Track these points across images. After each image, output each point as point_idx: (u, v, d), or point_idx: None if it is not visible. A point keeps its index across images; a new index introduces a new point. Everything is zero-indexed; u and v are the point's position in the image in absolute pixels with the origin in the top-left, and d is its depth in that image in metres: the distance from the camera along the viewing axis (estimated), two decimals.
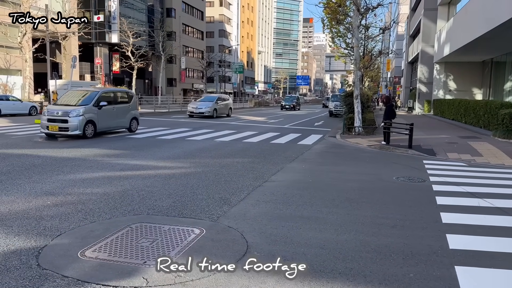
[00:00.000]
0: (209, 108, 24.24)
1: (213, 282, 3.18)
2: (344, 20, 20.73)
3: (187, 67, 57.84)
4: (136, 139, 12.84)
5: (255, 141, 13.12)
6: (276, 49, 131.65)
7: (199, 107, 24.57)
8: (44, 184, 6.26)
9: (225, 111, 26.55)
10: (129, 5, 46.27)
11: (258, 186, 6.57)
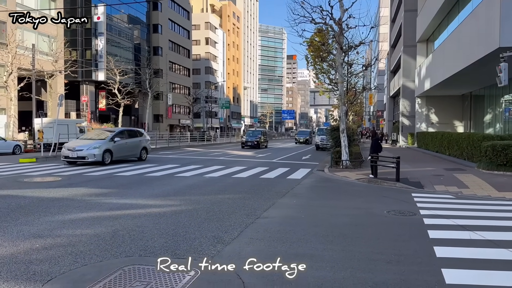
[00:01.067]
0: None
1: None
2: (327, 57, 21.40)
3: (174, 103, 58.27)
4: (124, 176, 12.70)
5: (245, 176, 13.12)
6: (262, 84, 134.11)
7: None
8: (31, 226, 6.11)
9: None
10: (116, 44, 46.98)
11: (250, 223, 6.52)
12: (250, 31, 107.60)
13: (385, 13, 55.33)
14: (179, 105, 61.28)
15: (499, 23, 13.79)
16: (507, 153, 12.78)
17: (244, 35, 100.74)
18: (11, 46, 28.83)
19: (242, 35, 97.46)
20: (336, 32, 16.70)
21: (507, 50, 13.51)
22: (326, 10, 16.63)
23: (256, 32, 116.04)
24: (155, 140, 34.23)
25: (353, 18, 17.62)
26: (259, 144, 32.88)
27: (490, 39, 14.54)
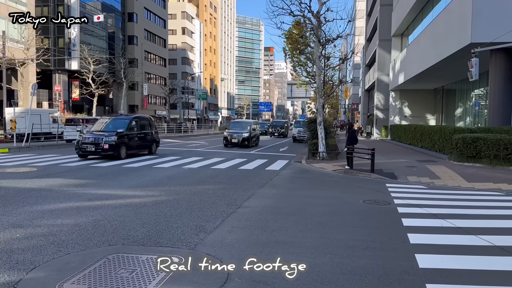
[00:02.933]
0: None
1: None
2: (305, 50, 21.59)
3: (150, 93, 57.39)
4: (101, 167, 12.55)
5: (224, 168, 13.20)
6: (239, 76, 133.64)
7: None
8: (10, 216, 6.02)
9: None
10: (90, 32, 45.77)
11: (232, 213, 6.63)
12: (227, 21, 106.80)
13: (361, 7, 56.02)
14: (155, 95, 60.46)
15: (471, 20, 14.29)
16: (477, 145, 13.33)
17: (222, 25, 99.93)
18: None
19: (219, 26, 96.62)
20: (314, 25, 16.86)
21: (478, 46, 14.04)
22: (304, 3, 16.75)
23: (233, 23, 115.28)
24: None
25: (331, 11, 17.96)
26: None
27: (463, 34, 15.05)
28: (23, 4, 35.05)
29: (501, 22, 14.00)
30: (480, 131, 14.85)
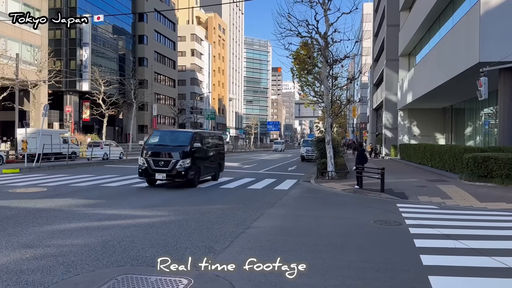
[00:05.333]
0: None
1: None
2: (313, 70, 21.77)
3: (159, 114, 58.02)
4: (111, 187, 12.60)
5: (232, 187, 13.16)
6: (247, 96, 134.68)
7: None
8: (20, 236, 6.04)
9: None
10: (101, 54, 46.72)
11: (241, 233, 6.58)
12: (235, 43, 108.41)
13: (368, 27, 56.58)
14: (164, 115, 61.06)
15: (479, 39, 14.33)
16: (488, 164, 13.17)
17: (230, 47, 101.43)
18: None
19: (227, 47, 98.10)
20: (321, 46, 17.04)
21: (487, 65, 14.03)
22: (312, 24, 16.97)
23: (241, 44, 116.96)
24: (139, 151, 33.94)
25: (338, 32, 18.04)
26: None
27: (471, 54, 15.07)
28: None
29: (509, 41, 14.01)
30: (491, 150, 14.69)
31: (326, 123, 17.85)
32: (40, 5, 36.25)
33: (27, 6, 34.82)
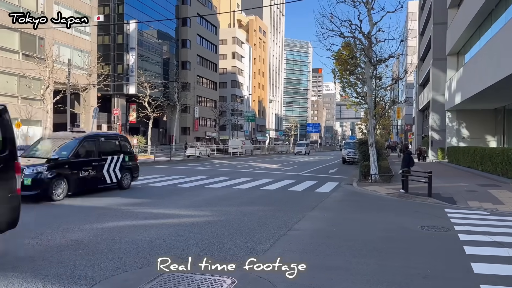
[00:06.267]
0: None
1: None
2: (355, 70, 21.40)
3: (201, 116, 59.20)
4: (156, 187, 13.01)
5: (272, 189, 13.18)
6: (287, 98, 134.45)
7: None
8: (73, 233, 6.38)
9: None
10: (146, 59, 48.40)
11: (282, 235, 6.58)
12: (276, 45, 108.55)
13: (413, 26, 54.78)
14: (206, 117, 62.22)
15: None
16: None
17: (270, 49, 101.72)
18: (48, 61, 30.17)
19: (268, 49, 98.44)
20: (365, 46, 16.71)
21: None
22: (355, 24, 16.67)
23: (282, 46, 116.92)
24: (183, 152, 34.84)
25: (382, 31, 17.58)
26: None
27: None
28: (87, 34, 37.91)
29: None
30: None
31: (369, 124, 17.46)
32: (91, 12, 38.10)
33: (79, 13, 36.65)
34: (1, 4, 29.51)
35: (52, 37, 33.26)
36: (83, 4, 37.27)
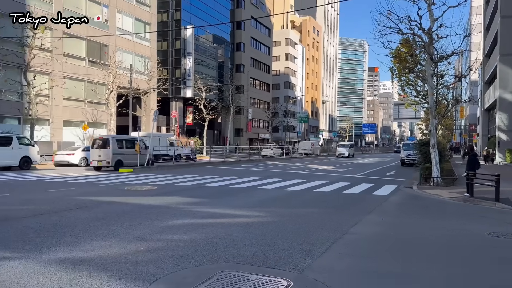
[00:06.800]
0: None
1: None
2: (415, 68, 20.54)
3: (254, 117, 59.79)
4: (212, 187, 13.32)
5: (327, 191, 12.97)
6: (341, 98, 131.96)
7: None
8: (135, 230, 6.69)
9: None
10: (202, 63, 49.79)
11: (338, 239, 6.44)
12: (330, 44, 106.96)
13: (478, 20, 51.47)
14: (259, 119, 62.74)
15: None
16: None
17: (324, 48, 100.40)
18: (112, 67, 32.02)
19: (321, 49, 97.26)
20: (425, 43, 15.97)
21: None
22: (414, 20, 15.96)
23: (336, 45, 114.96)
24: (237, 153, 35.38)
25: (444, 27, 16.68)
26: None
27: None
28: (147, 40, 39.72)
29: None
30: None
31: (431, 124, 16.64)
32: (150, 19, 39.91)
33: (139, 21, 38.58)
34: (70, 14, 31.70)
35: (115, 44, 35.23)
36: (143, 12, 39.12)
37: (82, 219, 7.47)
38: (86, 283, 4.18)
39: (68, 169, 21.29)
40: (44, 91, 27.59)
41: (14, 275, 4.37)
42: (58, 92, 29.97)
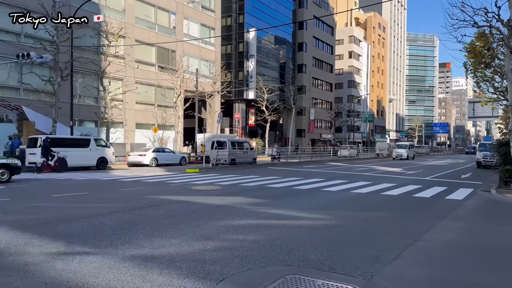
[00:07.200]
0: None
1: None
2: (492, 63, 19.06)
3: (316, 118, 59.11)
4: (274, 188, 13.35)
5: (395, 194, 12.41)
6: (409, 96, 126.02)
7: None
8: (202, 229, 6.88)
9: None
10: (264, 64, 50.24)
11: (409, 245, 6.11)
12: (397, 40, 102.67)
13: None
14: (321, 119, 61.88)
15: None
16: None
17: (390, 45, 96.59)
18: (179, 71, 33.41)
19: (388, 46, 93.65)
20: (504, 35, 14.72)
21: None
22: (491, 12, 14.78)
23: (403, 41, 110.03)
24: (298, 154, 35.20)
25: None
26: None
27: None
28: (212, 44, 40.91)
29: None
30: None
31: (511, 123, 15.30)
32: (215, 24, 41.07)
33: (204, 26, 39.86)
34: (141, 23, 33.63)
35: (182, 50, 36.72)
36: (208, 17, 40.37)
37: (152, 217, 7.84)
38: (157, 280, 4.36)
39: (140, 169, 22.55)
40: (118, 96, 29.50)
41: (93, 269, 4.68)
42: (131, 96, 31.88)
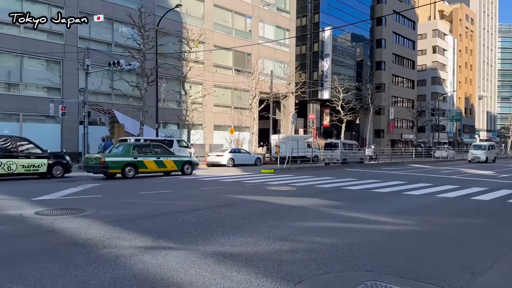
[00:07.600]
0: None
1: None
2: None
3: (396, 117, 56.46)
4: (351, 190, 12.99)
5: (487, 199, 11.37)
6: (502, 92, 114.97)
7: None
8: (278, 229, 6.91)
9: None
10: (340, 63, 49.20)
11: (504, 255, 5.56)
12: (487, 32, 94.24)
13: None
14: (402, 119, 58.96)
15: None
16: None
17: (480, 38, 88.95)
18: (255, 74, 34.03)
19: (476, 39, 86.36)
20: None
21: None
22: None
23: (495, 33, 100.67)
24: (377, 155, 33.86)
25: None
26: None
27: None
28: (286, 46, 41.07)
29: None
30: None
31: None
32: (290, 25, 41.18)
33: (279, 27, 40.15)
34: (219, 28, 34.85)
35: (258, 52, 37.35)
36: (283, 19, 40.59)
37: (230, 216, 8.06)
38: (236, 278, 4.47)
39: (218, 169, 23.37)
40: (198, 99, 30.90)
41: (176, 264, 4.93)
42: (209, 99, 33.19)
